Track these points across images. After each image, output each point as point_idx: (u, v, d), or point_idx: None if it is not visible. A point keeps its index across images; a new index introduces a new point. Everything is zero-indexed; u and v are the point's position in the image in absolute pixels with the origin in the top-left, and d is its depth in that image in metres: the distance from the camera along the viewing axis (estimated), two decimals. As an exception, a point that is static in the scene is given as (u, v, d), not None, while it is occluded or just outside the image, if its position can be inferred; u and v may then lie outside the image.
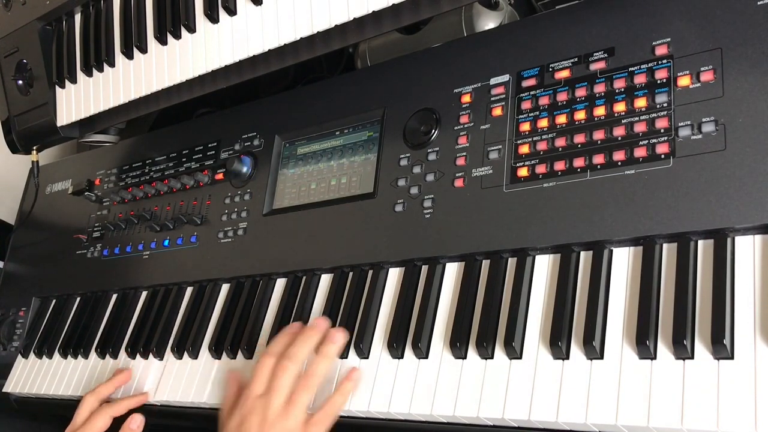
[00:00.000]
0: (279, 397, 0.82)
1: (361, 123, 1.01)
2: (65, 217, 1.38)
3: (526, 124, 0.84)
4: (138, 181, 1.26)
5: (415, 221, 0.89)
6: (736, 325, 0.65)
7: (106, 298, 1.23)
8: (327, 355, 0.85)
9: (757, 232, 0.68)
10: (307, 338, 0.87)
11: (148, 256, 1.18)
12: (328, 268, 0.97)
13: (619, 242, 0.75)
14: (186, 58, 1.11)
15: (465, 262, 0.85)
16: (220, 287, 1.08)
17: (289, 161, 1.07)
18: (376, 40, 1.11)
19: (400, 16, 0.90)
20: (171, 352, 1.06)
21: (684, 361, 0.66)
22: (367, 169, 0.97)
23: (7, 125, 1.43)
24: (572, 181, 0.79)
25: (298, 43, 0.99)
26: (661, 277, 0.72)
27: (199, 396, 0.99)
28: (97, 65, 1.24)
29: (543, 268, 0.79)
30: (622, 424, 0.67)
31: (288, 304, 0.98)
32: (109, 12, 1.24)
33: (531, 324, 0.77)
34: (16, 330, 1.33)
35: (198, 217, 1.13)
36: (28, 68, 1.36)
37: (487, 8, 1.01)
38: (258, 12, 1.02)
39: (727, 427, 0.62)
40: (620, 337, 0.71)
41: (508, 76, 0.88)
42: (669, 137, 0.74)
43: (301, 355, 0.85)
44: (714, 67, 0.74)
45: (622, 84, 0.79)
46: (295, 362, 0.84)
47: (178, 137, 1.25)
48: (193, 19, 1.10)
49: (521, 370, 0.75)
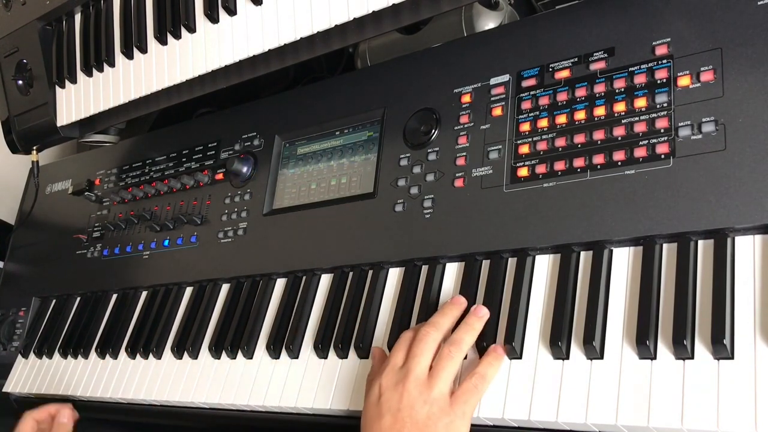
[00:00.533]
0: (420, 366, 0.75)
1: (361, 123, 1.01)
2: (65, 217, 1.38)
3: (526, 124, 0.84)
4: (138, 181, 1.26)
5: (415, 221, 0.89)
6: (736, 325, 0.65)
7: (106, 298, 1.23)
8: (472, 326, 0.78)
9: (757, 232, 0.68)
10: (450, 310, 0.80)
11: (148, 256, 1.18)
12: (328, 268, 0.97)
13: (619, 242, 0.75)
14: (186, 58, 1.11)
15: (465, 262, 0.85)
16: (220, 287, 1.08)
17: (289, 161, 1.07)
18: (376, 40, 1.11)
19: (400, 16, 0.90)
20: (171, 352, 1.06)
21: (684, 361, 0.66)
22: (367, 169, 0.97)
23: (7, 125, 1.43)
24: (572, 181, 0.79)
25: (298, 43, 0.99)
26: (661, 277, 0.72)
27: (198, 396, 0.99)
28: (97, 65, 1.24)
29: (543, 268, 0.79)
30: (622, 424, 0.67)
31: (288, 304, 0.98)
32: (109, 12, 1.24)
33: (531, 324, 0.77)
34: (16, 330, 1.33)
35: (198, 217, 1.13)
36: (28, 68, 1.36)
37: (487, 8, 1.01)
38: (258, 12, 1.02)
39: (727, 427, 0.62)
40: (620, 337, 0.71)
41: (508, 76, 0.88)
42: (669, 137, 0.74)
43: (443, 323, 0.79)
44: (714, 67, 0.74)
45: (622, 84, 0.79)
46: (438, 329, 0.78)
47: (178, 137, 1.25)
48: (193, 19, 1.10)
49: (521, 370, 0.74)
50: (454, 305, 0.81)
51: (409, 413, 0.72)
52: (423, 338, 0.77)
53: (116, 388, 1.09)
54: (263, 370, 0.95)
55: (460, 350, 0.76)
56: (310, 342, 0.92)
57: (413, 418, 0.72)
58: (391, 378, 0.76)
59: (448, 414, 0.72)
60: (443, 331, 0.78)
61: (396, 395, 0.74)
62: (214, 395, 0.97)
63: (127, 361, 1.11)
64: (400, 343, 0.79)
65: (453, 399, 0.73)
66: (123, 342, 1.14)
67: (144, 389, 1.05)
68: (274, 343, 0.94)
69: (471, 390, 0.73)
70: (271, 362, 0.95)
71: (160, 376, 1.05)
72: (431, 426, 0.71)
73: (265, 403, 0.91)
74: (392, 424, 0.73)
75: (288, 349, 0.93)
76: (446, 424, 0.72)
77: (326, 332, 0.91)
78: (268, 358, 0.95)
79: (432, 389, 0.73)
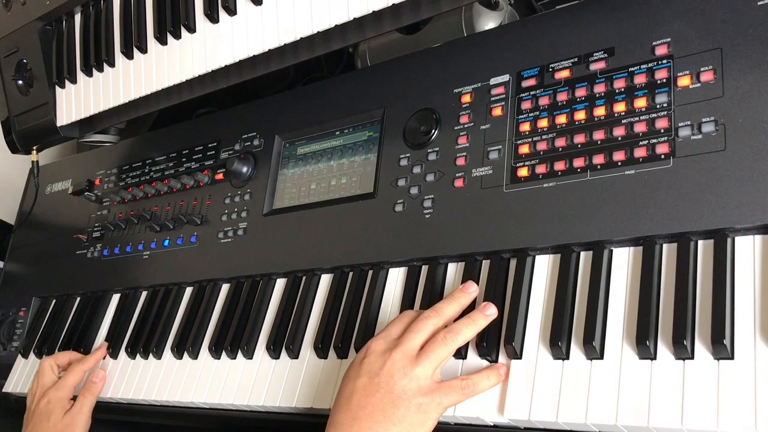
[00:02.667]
0: (412, 342, 0.75)
1: (361, 123, 1.01)
2: (65, 217, 1.38)
3: (526, 124, 0.84)
4: (138, 181, 1.26)
5: (415, 221, 0.89)
6: (736, 325, 0.65)
7: (105, 298, 1.23)
8: (475, 322, 0.76)
9: (757, 232, 0.68)
10: (457, 298, 0.79)
11: (148, 256, 1.18)
12: (328, 268, 0.97)
13: (619, 242, 0.75)
14: (186, 58, 1.11)
15: (465, 262, 0.85)
16: (220, 287, 1.08)
17: (289, 161, 1.07)
18: (376, 40, 1.11)
19: (400, 16, 0.90)
20: (171, 352, 1.06)
21: (684, 361, 0.66)
22: (367, 169, 0.97)
23: (7, 125, 1.43)
24: (572, 181, 0.79)
25: (298, 43, 0.99)
26: (661, 277, 0.72)
27: (198, 396, 0.99)
28: (97, 65, 1.24)
29: (543, 268, 0.79)
30: (622, 424, 0.67)
31: (288, 304, 0.98)
32: (109, 12, 1.24)
33: (531, 324, 0.77)
34: (16, 330, 1.33)
35: (198, 217, 1.13)
36: (28, 68, 1.36)
37: (487, 8, 1.01)
38: (258, 12, 1.02)
39: (727, 427, 0.62)
40: (620, 337, 0.71)
41: (508, 76, 0.88)
42: (669, 137, 0.74)
43: (447, 311, 0.78)
44: (714, 67, 0.74)
45: (622, 84, 0.79)
46: (440, 316, 0.77)
47: (178, 137, 1.25)
48: (193, 19, 1.10)
49: (521, 370, 0.74)
50: (463, 293, 0.80)
51: (386, 380, 0.73)
52: (423, 320, 0.77)
53: (116, 388, 1.09)
54: (263, 370, 0.95)
55: (455, 340, 0.75)
56: (310, 342, 0.92)
57: (388, 386, 0.72)
58: (381, 344, 0.77)
59: (425, 395, 0.72)
60: (445, 319, 0.78)
61: (380, 361, 0.75)
62: (214, 395, 0.97)
63: (127, 361, 1.11)
64: (400, 318, 0.80)
65: (435, 385, 0.73)
66: (123, 342, 1.14)
67: (144, 389, 1.05)
68: (274, 343, 0.94)
69: (456, 388, 0.73)
70: (271, 362, 0.95)
71: (160, 376, 1.05)
72: (404, 400, 0.72)
73: (265, 403, 0.91)
74: (366, 385, 0.74)
75: (288, 349, 0.93)
76: (418, 404, 0.72)
77: (326, 332, 0.91)
78: (268, 358, 0.95)
79: (416, 366, 0.73)
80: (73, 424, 1.04)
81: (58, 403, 1.06)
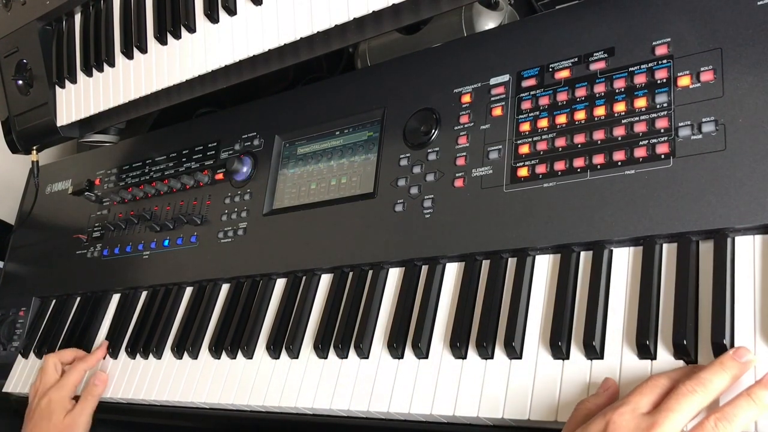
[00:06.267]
0: (672, 425, 0.59)
1: (361, 123, 1.01)
2: (65, 217, 1.38)
3: (526, 124, 0.84)
4: (138, 181, 1.26)
5: (415, 221, 0.89)
6: (736, 326, 0.65)
7: (105, 298, 1.23)
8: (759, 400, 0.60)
9: (757, 232, 0.68)
10: (728, 368, 0.62)
11: (148, 256, 1.18)
12: (328, 268, 0.97)
13: (619, 242, 0.75)
14: (186, 58, 1.11)
15: (465, 262, 0.85)
16: (220, 287, 1.08)
17: (289, 161, 1.07)
18: (376, 40, 1.11)
19: (400, 16, 0.90)
20: (171, 352, 1.06)
21: (684, 362, 0.66)
22: (367, 169, 0.97)
23: (7, 125, 1.43)
24: (572, 181, 0.79)
25: (298, 43, 0.99)
26: (661, 277, 0.72)
27: (198, 396, 0.99)
28: (97, 65, 1.24)
29: (543, 268, 0.79)
30: (622, 424, 0.67)
31: (288, 304, 0.98)
32: (109, 12, 1.24)
33: (531, 324, 0.77)
34: (16, 330, 1.33)
35: (198, 217, 1.13)
36: (28, 68, 1.36)
37: (487, 8, 1.01)
38: (258, 12, 1.02)
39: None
40: (620, 337, 0.71)
41: (508, 76, 0.88)
42: (669, 137, 0.74)
43: (715, 386, 0.61)
44: (714, 67, 0.74)
45: (622, 84, 0.79)
46: (707, 392, 0.61)
47: (178, 137, 1.25)
48: (193, 19, 1.10)
49: (521, 370, 0.74)
50: (735, 360, 0.63)
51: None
52: (687, 395, 0.61)
53: (116, 388, 1.09)
54: (263, 370, 0.95)
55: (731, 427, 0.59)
56: (310, 342, 0.92)
57: None
58: (628, 421, 0.61)
59: None
60: (712, 396, 0.61)
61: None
62: (214, 395, 0.97)
63: (127, 361, 1.11)
64: (648, 387, 0.64)
65: None
66: (123, 342, 1.14)
67: (144, 389, 1.05)
68: (274, 343, 0.94)
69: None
70: (271, 362, 0.95)
71: (160, 376, 1.05)
72: None
73: (265, 403, 0.91)
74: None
75: (288, 349, 0.93)
76: None
77: (326, 332, 0.91)
78: (268, 358, 0.95)
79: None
80: (73, 426, 1.04)
81: (59, 403, 1.06)
